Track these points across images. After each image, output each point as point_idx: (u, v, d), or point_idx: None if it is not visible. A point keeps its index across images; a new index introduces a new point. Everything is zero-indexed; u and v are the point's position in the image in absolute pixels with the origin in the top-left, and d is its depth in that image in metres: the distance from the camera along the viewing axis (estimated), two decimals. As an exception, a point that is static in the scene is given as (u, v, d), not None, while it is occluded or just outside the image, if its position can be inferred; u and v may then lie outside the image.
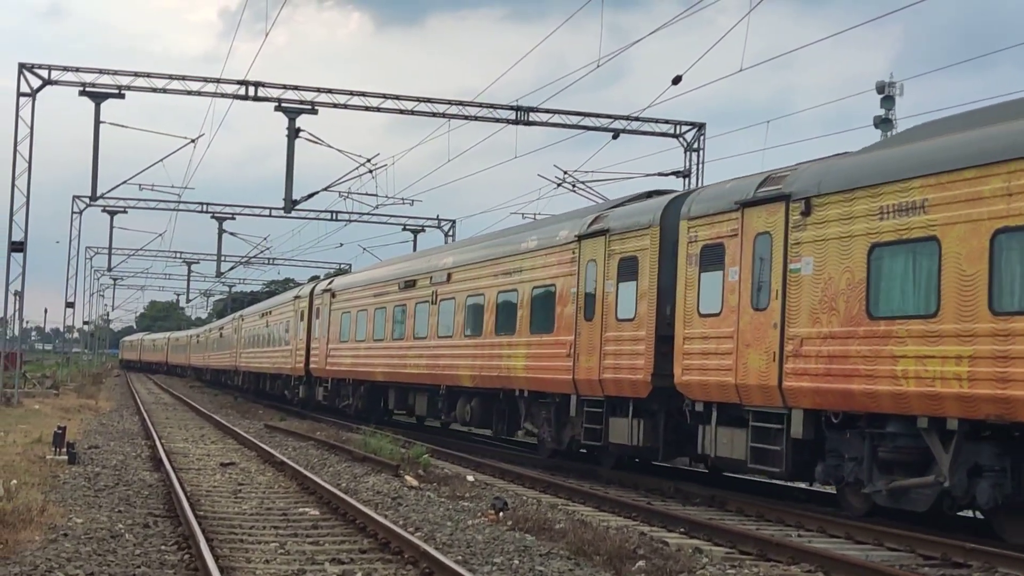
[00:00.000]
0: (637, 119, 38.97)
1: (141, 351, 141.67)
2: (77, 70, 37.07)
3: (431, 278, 30.52)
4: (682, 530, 15.57)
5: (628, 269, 20.46)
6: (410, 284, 32.12)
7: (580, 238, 22.23)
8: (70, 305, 68.79)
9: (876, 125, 70.58)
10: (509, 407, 26.00)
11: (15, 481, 16.89)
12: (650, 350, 19.57)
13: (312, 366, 42.65)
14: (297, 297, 47.14)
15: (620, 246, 20.80)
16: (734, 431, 17.40)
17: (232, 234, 68.59)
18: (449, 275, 29.33)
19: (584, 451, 23.41)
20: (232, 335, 66.86)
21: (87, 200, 54.60)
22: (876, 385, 14.60)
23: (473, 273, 27.80)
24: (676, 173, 40.08)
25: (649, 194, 22.59)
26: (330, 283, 42.68)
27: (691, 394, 18.40)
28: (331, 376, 40.17)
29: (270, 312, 53.60)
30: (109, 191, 43.77)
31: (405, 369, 31.85)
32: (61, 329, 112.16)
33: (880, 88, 71.44)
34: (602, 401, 21.08)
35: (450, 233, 61.36)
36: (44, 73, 37.16)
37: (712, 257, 17.95)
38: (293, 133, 37.39)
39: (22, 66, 37.25)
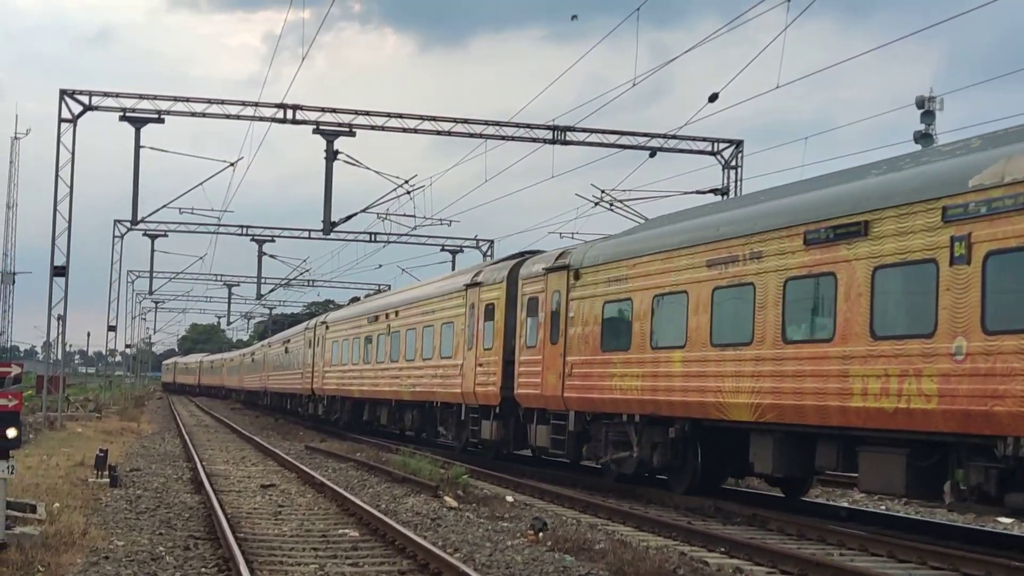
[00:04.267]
0: (675, 137, 38.94)
1: (175, 373, 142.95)
2: (117, 95, 37.46)
3: (387, 314, 37.94)
4: (722, 550, 15.46)
5: (489, 313, 27.62)
6: (374, 319, 39.51)
7: (467, 287, 29.42)
8: (112, 328, 69.52)
9: (916, 140, 70.10)
10: (432, 415, 33.01)
11: (57, 504, 17.04)
12: (499, 371, 26.69)
13: (314, 386, 49.78)
14: (307, 328, 54.54)
15: (486, 295, 27.92)
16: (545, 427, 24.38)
17: (272, 256, 69.00)
18: (397, 312, 36.70)
19: (473, 446, 30.00)
20: (261, 360, 73.33)
21: (128, 224, 55.12)
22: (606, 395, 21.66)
23: (411, 311, 35.09)
24: (714, 191, 40.01)
25: (522, 254, 28.59)
26: (326, 317, 51.46)
27: (524, 403, 25.50)
28: (326, 394, 47.36)
29: (289, 340, 60.77)
30: (150, 215, 44.25)
31: (371, 387, 39.13)
32: (103, 352, 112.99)
33: (920, 103, 71.02)
34: (477, 408, 28.35)
35: (488, 253, 61.39)
36: (84, 99, 37.56)
37: (532, 306, 25.05)
38: (331, 155, 37.61)
39: (63, 92, 37.67)
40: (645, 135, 39.42)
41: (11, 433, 13.34)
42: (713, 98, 26.74)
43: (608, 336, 21.75)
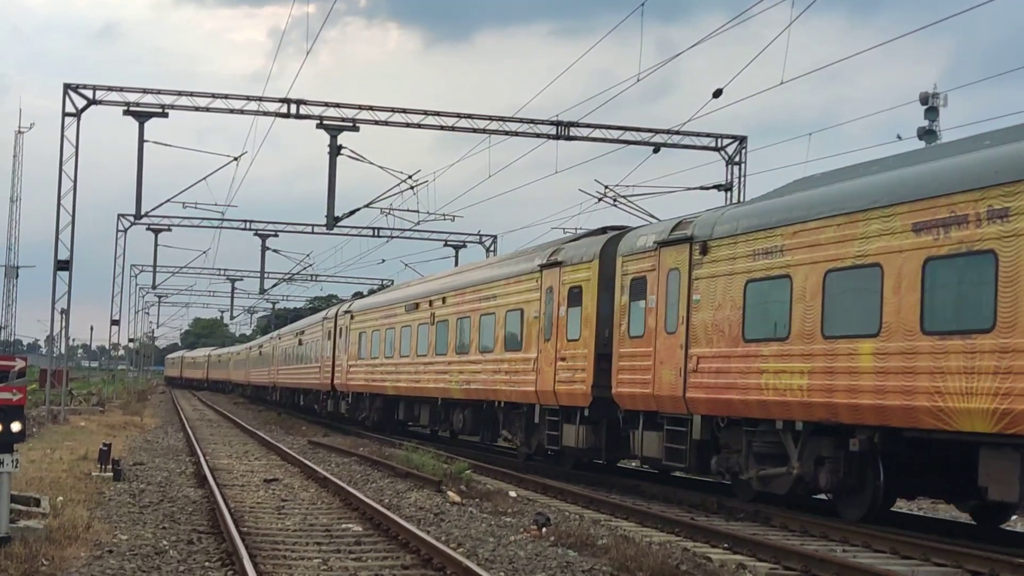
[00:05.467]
0: (678, 133, 38.91)
1: (183, 368, 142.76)
2: (121, 90, 37.43)
3: (430, 302, 33.63)
4: (726, 546, 15.47)
5: (576, 297, 23.46)
6: (413, 307, 35.37)
7: (542, 268, 25.09)
8: (115, 323, 69.61)
9: (920, 137, 70.00)
10: (493, 417, 28.70)
11: (61, 498, 17.04)
12: (591, 366, 22.63)
13: (336, 381, 45.72)
14: (325, 318, 50.10)
15: (569, 276, 23.77)
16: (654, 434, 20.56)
17: (275, 251, 68.97)
18: (444, 299, 32.37)
19: (549, 453, 25.57)
20: (270, 353, 69.77)
21: (132, 218, 55.13)
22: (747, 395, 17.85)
23: (462, 298, 30.75)
24: (718, 187, 39.99)
25: (602, 230, 24.86)
26: (350, 305, 46.44)
27: (624, 404, 21.53)
28: (351, 390, 43.23)
29: (302, 332, 56.60)
30: (153, 209, 44.36)
31: (410, 384, 35.01)
32: (107, 346, 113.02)
33: (924, 99, 70.92)
34: (558, 410, 24.11)
35: (491, 248, 61.38)
36: (88, 93, 37.53)
37: (638, 288, 21.09)
38: (335, 150, 37.57)
39: (67, 86, 37.64)
40: (649, 131, 39.38)
41: (15, 427, 13.35)
42: (717, 94, 26.78)
43: (754, 322, 17.77)
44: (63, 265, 39.34)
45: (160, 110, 37.32)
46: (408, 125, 38.56)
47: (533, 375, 24.96)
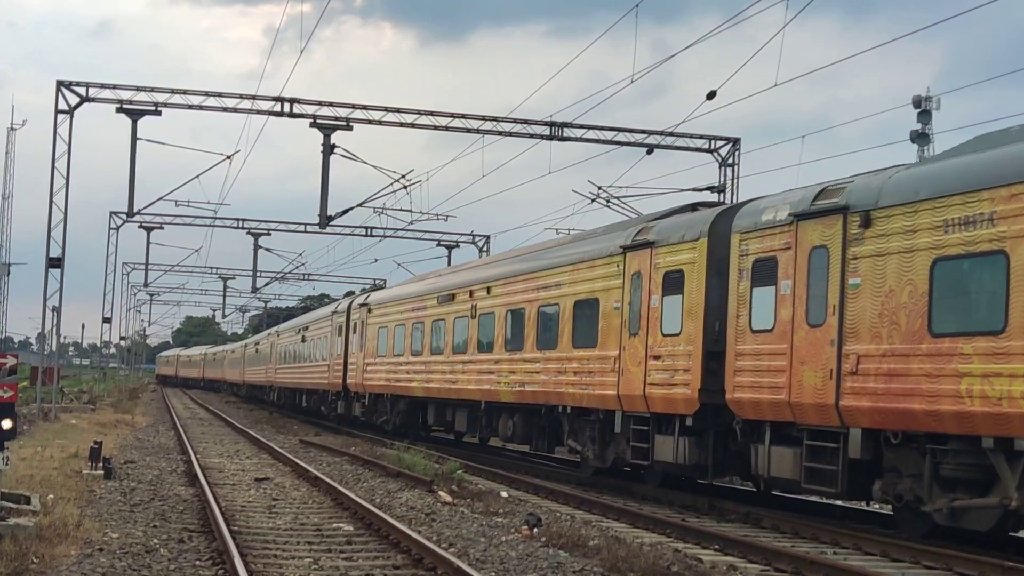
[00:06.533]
0: (672, 134, 38.91)
1: (178, 366, 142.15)
2: (114, 87, 37.34)
3: (470, 292, 29.69)
4: (716, 547, 15.49)
5: (674, 283, 19.64)
6: (448, 298, 31.34)
7: (625, 249, 21.26)
8: (107, 320, 69.51)
9: (913, 139, 70.15)
10: (550, 423, 24.95)
11: (52, 496, 17.01)
12: (698, 366, 18.86)
13: (349, 381, 42.00)
14: (335, 312, 46.46)
15: (665, 259, 19.95)
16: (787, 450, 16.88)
17: (268, 250, 68.98)
18: (488, 289, 28.45)
19: (628, 469, 22.43)
20: (268, 350, 67.13)
21: (124, 216, 55.04)
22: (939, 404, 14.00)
23: (513, 287, 26.88)
24: (711, 188, 40.00)
25: (693, 206, 21.93)
26: (366, 298, 42.18)
27: (742, 412, 17.75)
28: (368, 391, 39.40)
29: (306, 328, 53.16)
30: (146, 207, 44.13)
31: (443, 384, 31.06)
32: (98, 344, 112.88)
33: (917, 102, 71.12)
34: (647, 417, 20.30)
35: (484, 248, 61.42)
36: (81, 90, 37.45)
37: (764, 271, 17.34)
38: (328, 149, 37.53)
39: (60, 83, 37.55)
40: (642, 132, 39.38)
41: (6, 424, 13.37)
42: (711, 95, 26.78)
43: (946, 312, 14.07)
44: (55, 262, 39.26)
45: (153, 108, 37.24)
46: (402, 125, 38.53)
47: (613, 376, 21.18)
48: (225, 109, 37.56)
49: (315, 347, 49.71)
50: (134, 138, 37.81)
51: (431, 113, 38.59)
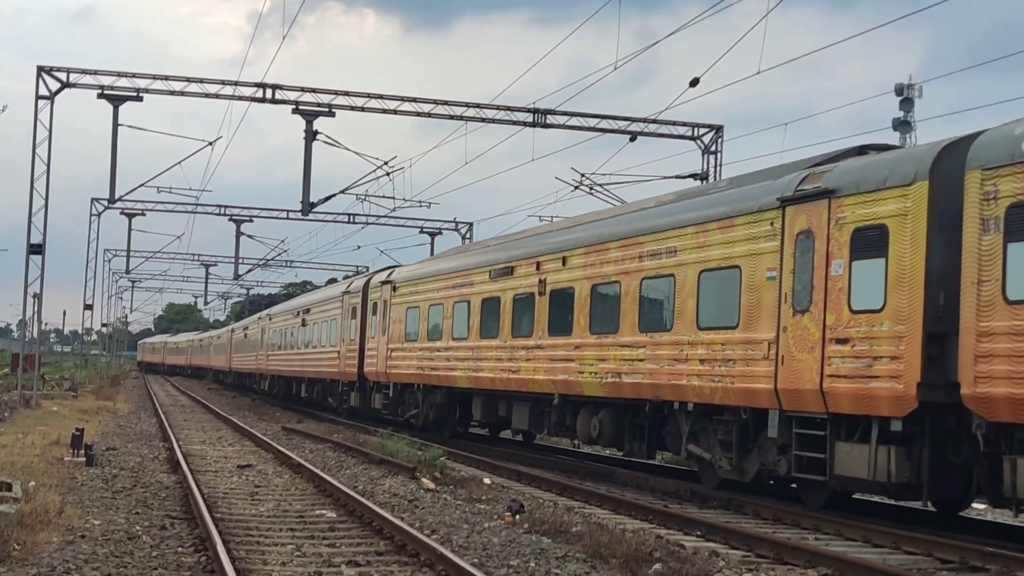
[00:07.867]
0: (655, 121, 38.93)
1: (164, 354, 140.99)
2: (96, 73, 37.18)
3: (537, 264, 24.69)
4: (699, 533, 15.53)
5: (871, 243, 15.21)
6: (505, 272, 26.34)
7: (784, 203, 16.80)
8: (88, 307, 69.46)
9: (895, 127, 70.42)
10: (654, 423, 20.70)
11: (33, 483, 16.97)
12: (915, 352, 14.42)
13: (367, 369, 36.87)
14: (347, 292, 41.16)
15: (855, 212, 15.47)
16: None
17: (250, 236, 68.83)
18: (564, 260, 23.46)
19: (772, 482, 18.48)
20: (258, 336, 62.65)
21: (105, 203, 54.91)
22: None
23: (601, 256, 21.92)
24: (694, 175, 40.05)
25: (860, 149, 17.41)
26: (389, 274, 36.76)
27: (991, 413, 13.45)
28: (393, 381, 34.23)
29: (308, 310, 48.14)
30: (127, 194, 44.05)
31: (498, 374, 26.17)
32: (79, 331, 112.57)
33: (899, 90, 71.33)
34: (824, 419, 16.01)
35: (467, 235, 61.45)
36: (62, 76, 37.28)
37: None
38: (311, 136, 37.42)
39: (40, 69, 37.38)
40: (626, 119, 39.39)
41: (-13, 411, 13.29)
42: (694, 83, 26.80)
43: None
44: (36, 249, 39.13)
45: (135, 94, 37.10)
46: (384, 111, 38.46)
47: (767, 365, 16.77)
48: (207, 95, 37.43)
49: (320, 331, 44.90)
50: (115, 124, 37.70)
51: (414, 99, 38.52)
